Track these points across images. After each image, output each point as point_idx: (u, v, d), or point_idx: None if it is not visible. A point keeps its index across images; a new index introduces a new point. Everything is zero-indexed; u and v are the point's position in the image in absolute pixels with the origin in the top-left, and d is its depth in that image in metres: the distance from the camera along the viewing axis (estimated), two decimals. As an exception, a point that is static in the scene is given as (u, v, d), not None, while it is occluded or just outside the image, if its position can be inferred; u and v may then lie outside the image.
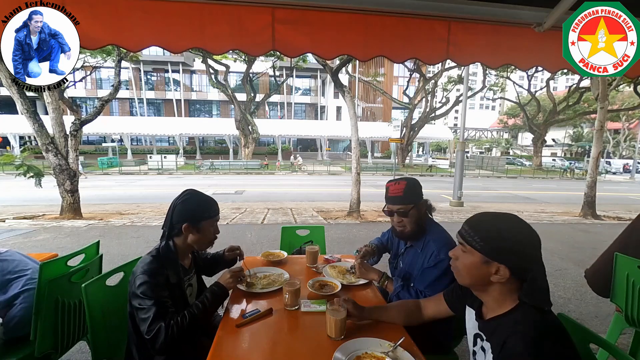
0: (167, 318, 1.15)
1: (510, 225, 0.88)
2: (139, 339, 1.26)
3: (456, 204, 8.52)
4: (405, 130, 21.77)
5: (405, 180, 1.53)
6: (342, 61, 7.17)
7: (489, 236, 0.87)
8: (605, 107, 7.02)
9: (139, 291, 1.16)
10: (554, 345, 0.76)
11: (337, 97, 31.20)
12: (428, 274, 1.41)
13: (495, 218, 0.91)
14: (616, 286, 1.79)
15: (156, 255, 1.27)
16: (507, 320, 0.86)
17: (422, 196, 1.55)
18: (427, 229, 1.53)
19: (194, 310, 1.23)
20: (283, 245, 2.43)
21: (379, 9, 1.62)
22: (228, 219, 6.18)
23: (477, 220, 0.93)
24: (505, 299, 0.88)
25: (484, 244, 0.87)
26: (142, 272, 1.19)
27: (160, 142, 31.94)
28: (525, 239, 0.85)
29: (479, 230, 0.89)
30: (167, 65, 31.57)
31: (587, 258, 4.25)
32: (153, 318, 1.13)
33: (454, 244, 1.46)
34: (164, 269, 1.25)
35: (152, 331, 1.12)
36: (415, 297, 1.39)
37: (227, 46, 1.60)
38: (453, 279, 1.36)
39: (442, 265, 1.38)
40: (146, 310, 1.14)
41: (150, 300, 1.15)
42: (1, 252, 1.55)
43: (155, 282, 1.19)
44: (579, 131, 38.02)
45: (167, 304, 1.19)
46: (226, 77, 20.38)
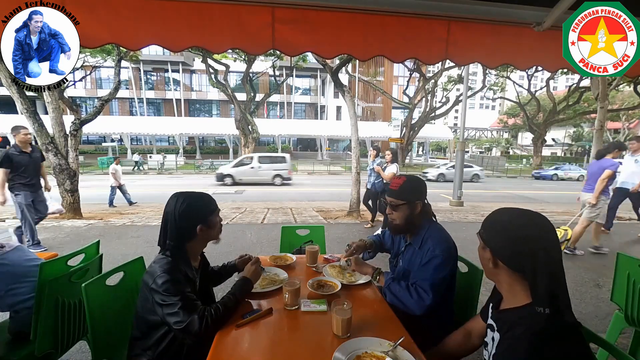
0: (199, 310, 1.18)
1: (513, 219, 0.89)
2: (143, 338, 1.26)
3: (456, 204, 8.52)
4: (405, 130, 21.77)
5: (406, 177, 1.57)
6: (342, 61, 7.16)
7: (490, 231, 0.91)
8: (605, 106, 7.00)
9: (162, 289, 1.17)
10: (555, 350, 0.75)
11: (337, 96, 31.15)
12: (423, 269, 1.42)
13: (507, 211, 0.92)
14: (616, 285, 1.79)
15: (170, 256, 1.28)
16: (516, 315, 0.86)
17: (421, 197, 1.55)
18: (424, 228, 1.53)
19: (227, 302, 1.27)
20: (283, 245, 2.43)
21: (378, 9, 1.62)
22: (228, 219, 6.18)
23: (488, 217, 0.95)
24: (517, 292, 0.88)
25: (488, 239, 0.91)
26: (162, 271, 1.21)
27: (160, 142, 31.94)
28: (524, 234, 0.84)
29: (486, 226, 0.94)
30: (167, 65, 31.56)
31: (587, 258, 4.26)
32: (183, 311, 1.15)
33: (451, 242, 1.47)
34: (181, 268, 1.27)
35: (184, 322, 1.14)
36: (406, 288, 1.41)
37: (227, 45, 1.60)
38: (446, 274, 1.39)
39: (436, 260, 1.39)
40: (173, 305, 1.16)
41: (176, 296, 1.17)
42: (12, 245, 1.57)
43: (177, 278, 1.21)
44: (579, 131, 38.00)
45: (193, 298, 1.22)
46: (226, 76, 20.35)
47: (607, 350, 1.00)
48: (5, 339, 1.54)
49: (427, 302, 1.34)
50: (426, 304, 1.34)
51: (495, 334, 0.91)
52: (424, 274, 1.41)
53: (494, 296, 1.02)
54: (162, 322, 1.20)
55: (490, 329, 0.95)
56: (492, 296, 1.04)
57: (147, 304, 1.22)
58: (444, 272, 1.39)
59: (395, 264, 1.71)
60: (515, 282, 0.87)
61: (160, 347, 1.24)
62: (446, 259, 1.40)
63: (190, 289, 1.25)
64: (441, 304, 1.42)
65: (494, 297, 1.01)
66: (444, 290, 1.39)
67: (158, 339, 1.24)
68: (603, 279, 3.52)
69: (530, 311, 0.81)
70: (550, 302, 0.78)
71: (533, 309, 0.80)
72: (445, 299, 1.44)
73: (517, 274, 0.86)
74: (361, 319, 1.26)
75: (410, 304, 1.38)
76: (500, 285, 0.94)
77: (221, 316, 1.21)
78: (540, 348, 0.75)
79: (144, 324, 1.26)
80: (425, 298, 1.35)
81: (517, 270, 0.86)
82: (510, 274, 0.88)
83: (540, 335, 0.76)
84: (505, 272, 0.88)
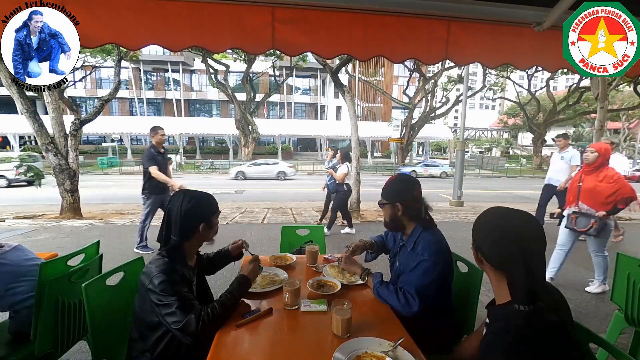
0: (196, 309, 1.18)
1: (495, 219, 0.91)
2: (141, 340, 1.26)
3: (456, 204, 8.51)
4: (405, 130, 21.74)
5: (394, 177, 1.59)
6: (342, 61, 7.16)
7: (476, 226, 0.95)
8: (605, 106, 7.01)
9: (158, 289, 1.17)
10: (533, 349, 0.73)
11: (337, 96, 31.15)
12: (412, 274, 1.42)
13: (492, 210, 0.94)
14: (616, 285, 1.79)
15: (167, 256, 1.28)
16: (499, 311, 0.88)
17: (401, 199, 1.50)
18: (418, 230, 1.51)
19: (224, 301, 1.27)
20: (283, 245, 2.43)
21: (378, 9, 1.62)
22: (228, 219, 6.18)
23: (481, 213, 0.97)
24: (501, 289, 0.89)
25: (473, 234, 0.95)
26: (158, 271, 1.21)
27: (160, 142, 31.89)
28: (503, 232, 0.87)
29: (476, 220, 0.97)
30: (167, 65, 31.56)
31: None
32: (180, 311, 1.15)
33: (443, 244, 1.46)
34: (178, 267, 1.27)
35: (181, 322, 1.14)
36: (394, 292, 1.40)
37: (227, 45, 1.61)
38: (435, 277, 1.38)
39: (424, 264, 1.39)
40: (170, 305, 1.16)
41: (173, 296, 1.17)
42: (11, 245, 1.57)
43: (174, 279, 1.21)
44: (579, 131, 37.98)
45: (190, 297, 1.22)
46: (226, 76, 20.37)
47: (607, 350, 1.00)
48: (5, 339, 1.54)
49: (414, 309, 1.33)
50: (413, 310, 1.33)
51: (487, 329, 0.92)
52: (411, 279, 1.40)
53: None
54: (160, 322, 1.20)
55: (485, 325, 0.97)
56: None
57: (144, 304, 1.22)
58: (432, 276, 1.37)
59: (392, 263, 1.71)
60: (500, 279, 0.89)
61: (158, 348, 1.24)
62: (435, 262, 1.38)
63: (187, 288, 1.25)
64: (439, 304, 1.42)
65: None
66: (434, 294, 1.38)
67: (156, 340, 1.24)
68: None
69: (510, 309, 0.81)
70: (529, 299, 0.77)
71: (512, 307, 0.80)
72: (441, 300, 1.44)
73: (499, 271, 0.89)
74: (361, 319, 1.26)
75: (398, 308, 1.36)
76: (491, 282, 0.96)
77: (219, 315, 1.21)
78: (517, 346, 0.74)
79: (142, 325, 1.26)
80: (412, 304, 1.34)
81: (497, 268, 0.88)
82: (494, 271, 0.90)
83: (517, 333, 0.76)
84: (489, 269, 0.92)
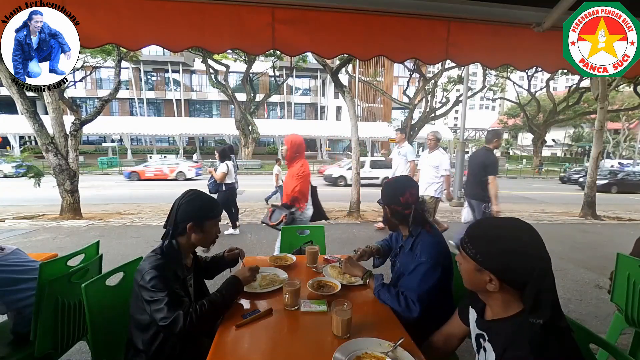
0: (184, 306, 1.17)
1: (503, 234, 0.83)
2: (136, 340, 1.26)
3: (456, 204, 8.51)
4: (405, 131, 21.72)
5: (392, 178, 1.65)
6: (342, 61, 7.17)
7: (480, 244, 0.84)
8: (605, 107, 7.01)
9: (149, 285, 1.17)
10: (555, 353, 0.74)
11: (337, 97, 31.14)
12: (411, 277, 1.42)
13: (492, 224, 0.88)
14: (617, 286, 1.79)
15: (161, 253, 1.29)
16: (509, 325, 0.83)
17: (389, 201, 1.54)
18: (416, 232, 1.51)
19: (213, 299, 1.26)
20: (283, 245, 2.43)
21: (378, 9, 1.62)
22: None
23: (474, 226, 0.89)
24: (509, 304, 0.85)
25: (475, 252, 0.84)
26: (150, 267, 1.21)
27: (160, 142, 31.90)
28: (519, 249, 0.80)
29: (473, 237, 0.87)
30: (167, 65, 31.53)
31: (587, 258, 4.25)
32: (168, 307, 1.15)
33: (442, 246, 1.46)
34: (171, 265, 1.27)
35: (169, 319, 1.13)
36: (395, 296, 1.38)
37: (227, 45, 1.61)
38: (435, 281, 1.38)
39: (422, 267, 1.39)
40: (159, 301, 1.15)
41: (163, 292, 1.17)
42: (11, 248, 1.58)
43: (165, 275, 1.21)
44: (579, 131, 37.99)
45: (180, 294, 1.22)
46: (226, 77, 20.36)
47: (607, 350, 1.00)
48: (6, 340, 1.54)
49: (414, 315, 1.33)
50: (413, 316, 1.33)
51: (487, 344, 0.89)
52: (411, 283, 1.40)
53: (476, 302, 0.98)
54: (151, 322, 1.19)
55: (481, 338, 0.93)
56: (471, 300, 1.01)
57: (137, 302, 1.22)
58: (432, 280, 1.37)
59: (393, 263, 1.71)
60: (509, 295, 0.84)
61: (152, 348, 1.24)
62: (433, 266, 1.38)
63: (178, 286, 1.24)
64: (439, 307, 1.42)
65: (476, 304, 0.98)
66: (434, 297, 1.38)
67: (149, 340, 1.24)
68: (603, 280, 3.52)
69: (524, 322, 0.78)
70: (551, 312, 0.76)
71: (526, 320, 0.77)
72: (442, 302, 1.44)
73: (510, 288, 0.83)
74: (361, 319, 1.26)
75: (398, 312, 1.36)
76: (489, 299, 0.90)
77: (206, 312, 1.20)
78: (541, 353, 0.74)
79: (135, 324, 1.26)
80: (413, 310, 1.33)
81: (514, 287, 0.83)
82: (503, 289, 0.84)
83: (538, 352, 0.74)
84: (494, 288, 0.84)
